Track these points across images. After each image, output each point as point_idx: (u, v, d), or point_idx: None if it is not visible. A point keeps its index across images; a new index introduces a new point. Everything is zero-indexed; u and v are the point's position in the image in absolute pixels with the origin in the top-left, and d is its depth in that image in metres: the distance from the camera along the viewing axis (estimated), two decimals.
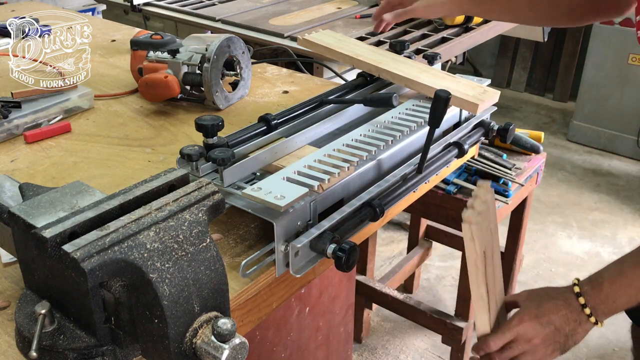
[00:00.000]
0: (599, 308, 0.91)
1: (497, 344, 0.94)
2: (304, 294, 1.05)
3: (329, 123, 1.09)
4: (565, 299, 0.93)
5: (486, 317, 0.93)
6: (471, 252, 0.86)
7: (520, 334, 0.93)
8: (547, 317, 0.93)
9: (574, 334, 0.93)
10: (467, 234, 0.84)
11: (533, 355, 0.94)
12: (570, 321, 0.92)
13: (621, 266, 0.91)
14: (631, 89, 3.48)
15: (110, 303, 0.65)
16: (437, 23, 2.13)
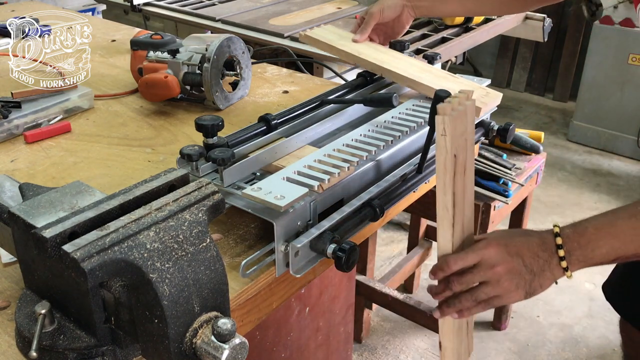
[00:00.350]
0: (574, 253, 0.84)
1: (458, 264, 0.86)
2: (304, 294, 1.05)
3: (329, 123, 1.09)
4: (540, 237, 0.86)
5: (449, 233, 0.86)
6: (441, 148, 0.80)
7: (485, 258, 0.85)
8: (517, 248, 0.85)
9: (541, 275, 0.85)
10: (439, 128, 0.79)
11: (495, 287, 0.86)
12: (540, 260, 0.85)
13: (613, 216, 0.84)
14: (631, 89, 3.47)
15: (110, 303, 0.65)
16: (437, 23, 2.13)
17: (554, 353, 2.24)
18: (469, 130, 0.85)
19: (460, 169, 0.85)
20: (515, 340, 2.29)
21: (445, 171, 0.83)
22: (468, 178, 0.89)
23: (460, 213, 0.88)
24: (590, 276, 2.60)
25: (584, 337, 2.30)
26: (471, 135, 0.87)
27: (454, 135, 0.81)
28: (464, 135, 0.84)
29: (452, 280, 0.88)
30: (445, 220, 0.86)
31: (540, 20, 2.32)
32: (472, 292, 0.88)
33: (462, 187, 0.87)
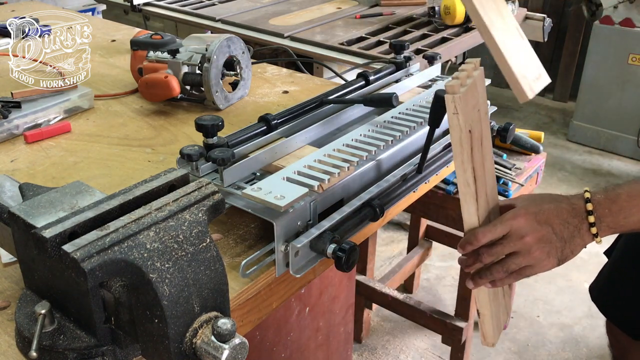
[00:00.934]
0: (604, 220, 0.82)
1: (487, 236, 0.84)
2: (304, 294, 1.05)
3: (329, 123, 1.09)
4: (570, 203, 0.84)
5: (474, 207, 0.83)
6: (455, 127, 0.77)
7: (514, 229, 0.83)
8: (546, 216, 0.83)
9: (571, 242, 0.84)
10: (450, 107, 0.76)
11: (526, 257, 0.84)
12: (571, 226, 0.83)
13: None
14: (631, 89, 3.47)
15: (110, 303, 0.65)
16: (437, 23, 2.13)
17: (554, 353, 2.24)
18: (481, 101, 0.82)
19: (476, 143, 0.82)
20: (515, 340, 2.29)
21: (462, 149, 0.80)
22: (486, 148, 0.86)
23: (482, 186, 0.85)
24: (590, 276, 2.60)
25: (584, 337, 2.30)
26: (484, 105, 0.83)
27: (466, 111, 0.78)
28: (476, 108, 0.81)
29: (482, 253, 0.86)
30: (467, 195, 0.83)
31: (540, 20, 2.32)
32: (502, 263, 0.86)
33: (481, 159, 0.84)
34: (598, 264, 2.67)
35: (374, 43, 1.96)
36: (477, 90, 0.81)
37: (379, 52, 1.85)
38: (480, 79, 0.83)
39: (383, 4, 2.39)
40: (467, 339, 1.98)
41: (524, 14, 2.34)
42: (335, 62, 1.84)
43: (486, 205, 0.87)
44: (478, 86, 0.82)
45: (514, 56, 1.07)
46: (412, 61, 1.38)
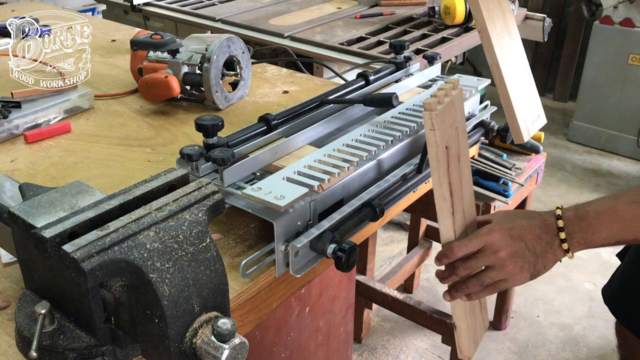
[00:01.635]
0: (575, 236, 0.85)
1: (463, 250, 0.87)
2: (304, 294, 1.05)
3: (329, 123, 1.09)
4: (542, 220, 0.87)
5: (450, 221, 0.87)
6: (432, 143, 0.80)
7: (489, 244, 0.86)
8: (519, 232, 0.86)
9: (544, 257, 0.87)
10: (427, 123, 0.79)
11: (500, 271, 0.87)
12: (543, 242, 0.86)
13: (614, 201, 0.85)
14: (631, 89, 3.47)
15: (110, 303, 0.65)
16: (437, 23, 2.13)
17: (554, 353, 2.24)
18: (458, 119, 0.85)
19: (453, 159, 0.85)
20: (515, 340, 2.29)
21: (439, 164, 0.82)
22: (463, 165, 0.88)
23: (458, 201, 0.88)
24: (590, 276, 2.61)
25: (584, 337, 2.30)
26: (462, 124, 0.86)
27: (443, 128, 0.81)
28: (453, 125, 0.83)
29: (458, 266, 0.89)
30: (444, 209, 0.86)
31: (540, 20, 2.32)
32: (478, 277, 0.89)
33: (458, 175, 0.87)
34: (598, 264, 2.68)
35: (374, 43, 1.96)
36: (454, 108, 0.83)
37: (379, 52, 1.86)
38: (459, 98, 0.85)
39: (383, 4, 2.39)
40: None
41: (524, 14, 2.34)
42: (335, 62, 1.84)
43: (463, 220, 0.90)
44: (456, 105, 0.84)
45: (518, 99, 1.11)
46: (412, 61, 1.38)
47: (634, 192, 0.86)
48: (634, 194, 0.85)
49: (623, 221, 0.83)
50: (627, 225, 0.83)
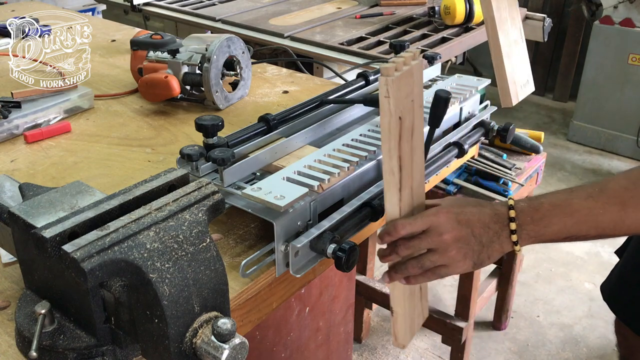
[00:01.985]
0: (526, 228, 0.82)
1: (407, 228, 0.84)
2: (304, 294, 1.05)
3: (329, 123, 1.09)
4: (493, 209, 0.84)
5: (396, 197, 0.83)
6: (385, 111, 0.77)
7: (434, 226, 0.83)
8: (467, 218, 0.83)
9: (490, 247, 0.84)
10: (383, 89, 0.76)
11: (442, 255, 0.84)
12: (491, 231, 0.83)
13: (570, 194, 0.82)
14: (631, 89, 3.47)
15: (110, 303, 0.65)
16: (437, 23, 2.13)
17: (554, 353, 2.24)
18: (415, 91, 0.82)
19: (406, 132, 0.82)
20: (515, 340, 2.29)
21: (390, 135, 0.79)
22: (417, 142, 0.85)
23: (407, 177, 0.85)
24: (590, 276, 2.60)
25: (584, 337, 2.30)
26: (419, 97, 0.83)
27: (399, 97, 0.78)
28: (409, 97, 0.81)
29: (399, 244, 0.85)
30: (391, 184, 0.83)
31: (540, 20, 2.32)
32: (418, 259, 0.86)
33: (410, 150, 0.84)
34: (598, 264, 2.68)
35: (374, 43, 1.96)
36: (412, 79, 0.80)
37: (379, 52, 1.85)
38: (418, 69, 0.81)
39: (383, 4, 2.39)
40: (467, 339, 1.98)
41: (524, 14, 2.34)
42: (335, 62, 1.84)
43: (410, 200, 0.87)
44: (415, 76, 0.80)
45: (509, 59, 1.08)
46: None
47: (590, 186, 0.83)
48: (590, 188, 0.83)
49: (578, 215, 0.81)
50: (582, 219, 0.81)
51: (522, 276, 2.61)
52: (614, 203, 0.80)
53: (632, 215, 0.80)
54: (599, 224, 0.81)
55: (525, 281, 2.60)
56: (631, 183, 0.81)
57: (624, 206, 0.80)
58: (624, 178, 0.82)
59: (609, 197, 0.81)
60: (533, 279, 2.64)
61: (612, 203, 0.80)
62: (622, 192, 0.81)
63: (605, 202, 0.81)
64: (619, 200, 0.80)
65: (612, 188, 0.82)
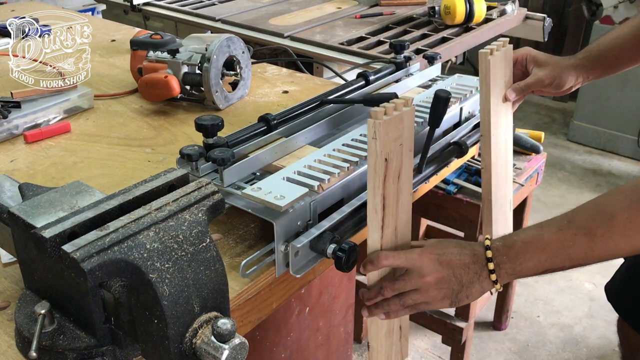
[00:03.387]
0: (503, 266, 0.85)
1: (389, 260, 0.88)
2: (304, 294, 1.05)
3: (329, 123, 1.09)
4: (472, 250, 0.87)
5: (377, 235, 0.87)
6: (371, 152, 0.81)
7: (416, 267, 0.87)
8: (449, 260, 0.87)
9: (470, 287, 0.87)
10: (370, 131, 0.79)
11: (423, 295, 0.88)
12: (470, 272, 0.86)
13: (540, 229, 0.85)
14: (631, 89, 3.47)
15: (110, 303, 0.65)
16: (437, 23, 2.13)
17: (554, 353, 2.24)
18: (405, 136, 0.85)
19: (392, 173, 0.85)
20: (515, 341, 2.29)
21: (375, 174, 0.83)
22: (403, 184, 0.88)
23: (391, 217, 0.88)
24: (590, 276, 2.60)
25: (584, 337, 2.30)
26: (408, 141, 0.86)
27: (386, 140, 0.81)
28: (398, 141, 0.84)
29: (385, 287, 0.89)
30: (374, 221, 0.86)
31: (540, 20, 2.32)
32: (400, 296, 0.89)
33: (395, 192, 0.87)
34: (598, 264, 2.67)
35: (374, 43, 1.96)
36: (402, 124, 0.84)
37: (379, 52, 1.85)
38: (409, 115, 0.85)
39: (383, 4, 2.39)
40: (467, 339, 1.98)
41: (524, 14, 2.34)
42: (335, 62, 1.84)
43: (393, 238, 0.91)
44: (405, 122, 0.84)
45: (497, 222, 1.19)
46: (412, 61, 1.38)
47: (559, 219, 0.85)
48: (559, 220, 0.85)
49: (550, 249, 0.83)
50: (554, 253, 0.83)
51: None
52: (582, 234, 0.82)
53: (600, 245, 0.81)
54: (571, 255, 0.83)
55: (525, 281, 2.60)
56: (597, 212, 0.83)
57: (592, 236, 0.81)
58: (591, 207, 0.84)
59: (577, 229, 0.82)
60: (533, 279, 2.64)
61: (580, 234, 0.82)
62: (589, 223, 0.82)
63: (574, 233, 0.82)
64: (587, 230, 0.82)
65: (579, 219, 0.84)
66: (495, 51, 1.07)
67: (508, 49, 1.11)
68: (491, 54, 1.06)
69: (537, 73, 1.13)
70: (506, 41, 1.11)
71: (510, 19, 2.25)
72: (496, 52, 1.07)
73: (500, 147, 1.15)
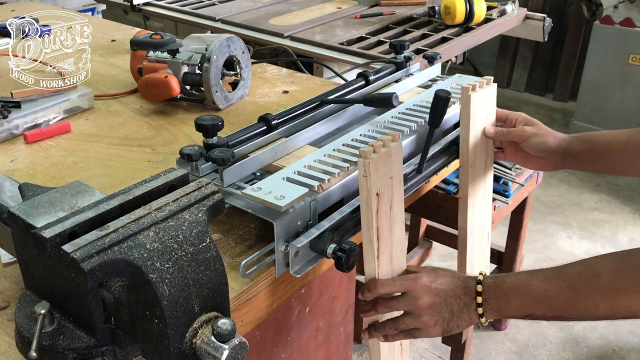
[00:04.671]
0: (490, 302, 0.90)
1: (385, 287, 0.92)
2: (304, 294, 1.04)
3: (329, 123, 1.09)
4: (465, 281, 0.92)
5: (374, 264, 0.92)
6: (363, 188, 0.85)
7: (411, 290, 0.91)
8: (442, 287, 0.92)
9: (459, 317, 0.91)
10: (361, 169, 0.84)
11: (415, 320, 0.92)
12: (461, 302, 0.91)
13: (530, 275, 0.90)
14: (631, 89, 3.47)
15: (110, 303, 0.65)
16: (437, 23, 2.13)
17: (554, 353, 2.24)
18: (394, 170, 0.89)
19: (384, 206, 0.89)
20: (516, 340, 2.29)
21: (368, 209, 0.87)
22: (396, 214, 0.92)
23: (386, 247, 0.92)
24: None
25: (584, 337, 2.30)
26: (398, 174, 0.90)
27: (376, 176, 0.85)
28: (388, 175, 0.88)
29: (379, 303, 0.94)
30: (369, 252, 0.91)
31: (540, 20, 2.32)
32: (395, 320, 0.94)
33: (388, 222, 0.91)
34: None
35: (374, 43, 1.96)
36: (391, 159, 0.88)
37: (379, 52, 1.85)
38: (397, 150, 0.89)
39: (383, 4, 2.39)
40: (467, 339, 1.98)
41: (524, 14, 2.34)
42: (335, 62, 1.84)
43: (389, 265, 0.95)
44: (393, 156, 0.88)
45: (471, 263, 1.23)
46: (412, 61, 1.38)
47: (550, 270, 0.89)
48: (549, 271, 0.89)
49: (534, 295, 0.87)
50: (537, 300, 0.87)
51: None
52: (567, 287, 0.86)
53: (581, 301, 0.85)
54: (553, 305, 0.87)
55: None
56: (585, 269, 0.87)
57: (575, 291, 0.85)
58: (581, 264, 0.88)
59: (563, 281, 0.87)
60: None
61: (565, 287, 0.86)
62: (576, 277, 0.86)
63: (559, 285, 0.87)
64: (572, 284, 0.86)
65: (567, 272, 0.88)
66: (478, 87, 1.10)
67: (492, 88, 1.14)
68: (473, 89, 1.09)
69: (523, 127, 1.14)
70: (490, 79, 1.14)
71: (510, 19, 2.25)
72: (479, 88, 1.10)
73: (478, 180, 1.18)
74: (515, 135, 1.13)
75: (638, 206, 3.18)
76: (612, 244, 2.85)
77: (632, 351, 2.27)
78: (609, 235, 2.93)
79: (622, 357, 2.25)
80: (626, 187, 3.35)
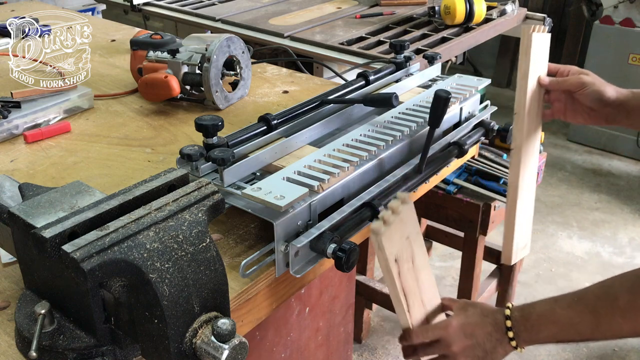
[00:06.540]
0: (521, 335, 0.93)
1: (420, 338, 0.98)
2: (304, 294, 1.05)
3: (329, 123, 1.09)
4: (494, 318, 0.96)
5: (406, 317, 0.97)
6: (381, 258, 0.89)
7: (444, 338, 0.97)
8: (472, 329, 0.96)
9: (494, 352, 0.96)
10: (375, 244, 0.87)
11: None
12: (493, 339, 0.95)
13: (554, 304, 0.92)
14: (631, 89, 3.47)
15: (110, 303, 0.65)
16: (437, 23, 2.13)
17: (554, 353, 2.24)
18: (409, 230, 0.91)
19: (405, 265, 0.92)
20: None
21: (389, 273, 0.89)
22: (419, 263, 0.95)
23: (415, 298, 0.96)
24: (590, 276, 2.60)
25: None
26: (414, 231, 0.92)
27: (392, 244, 0.87)
28: (404, 236, 0.90)
29: (419, 350, 1.00)
30: (399, 307, 0.95)
31: (540, 20, 2.32)
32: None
33: (413, 276, 0.94)
34: (598, 264, 2.68)
35: (374, 43, 1.96)
36: (403, 223, 0.89)
37: (379, 52, 1.85)
38: (409, 211, 0.91)
39: (383, 4, 2.39)
40: None
41: (524, 14, 2.34)
42: (335, 62, 1.84)
43: (422, 310, 1.00)
44: (405, 220, 0.90)
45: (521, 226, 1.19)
46: (412, 61, 1.38)
47: (571, 295, 0.92)
48: (570, 297, 0.92)
49: (560, 324, 0.90)
50: (564, 327, 0.90)
51: (522, 276, 2.60)
52: (588, 312, 0.89)
53: (604, 324, 0.88)
54: (579, 331, 0.90)
55: (525, 281, 2.60)
56: (603, 293, 0.89)
57: (597, 315, 0.88)
58: (599, 287, 0.90)
59: (585, 306, 0.89)
60: (533, 279, 2.64)
61: (587, 312, 0.89)
62: (595, 302, 0.89)
63: (581, 311, 0.89)
64: (592, 309, 0.89)
65: (587, 297, 0.90)
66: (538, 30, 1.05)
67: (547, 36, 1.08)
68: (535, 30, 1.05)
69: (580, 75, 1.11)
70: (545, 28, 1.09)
71: (510, 19, 2.25)
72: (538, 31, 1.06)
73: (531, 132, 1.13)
74: (572, 84, 1.10)
75: (638, 206, 3.18)
76: (612, 243, 2.85)
77: (632, 351, 2.27)
78: (609, 235, 2.93)
79: (622, 357, 2.25)
80: (626, 187, 3.36)
